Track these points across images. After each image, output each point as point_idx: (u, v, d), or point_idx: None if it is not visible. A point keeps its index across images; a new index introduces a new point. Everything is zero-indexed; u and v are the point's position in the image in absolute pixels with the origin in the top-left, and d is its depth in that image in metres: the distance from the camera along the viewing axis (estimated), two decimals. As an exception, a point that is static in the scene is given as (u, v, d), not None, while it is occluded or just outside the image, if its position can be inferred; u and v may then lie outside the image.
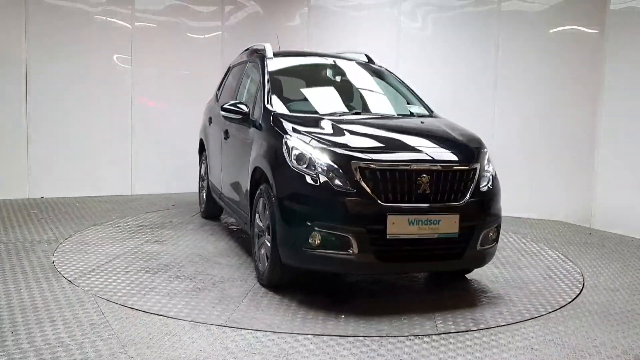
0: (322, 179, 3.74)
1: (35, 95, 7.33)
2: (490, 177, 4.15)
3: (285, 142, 4.01)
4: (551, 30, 7.18)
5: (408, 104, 5.17)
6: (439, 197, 3.80)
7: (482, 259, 4.15)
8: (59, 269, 4.42)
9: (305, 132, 4.05)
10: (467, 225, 3.83)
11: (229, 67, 6.50)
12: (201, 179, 6.81)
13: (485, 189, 4.04)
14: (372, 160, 3.75)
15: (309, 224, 3.72)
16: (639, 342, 3.43)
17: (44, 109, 7.39)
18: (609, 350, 3.30)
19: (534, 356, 3.17)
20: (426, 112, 5.04)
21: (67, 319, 3.42)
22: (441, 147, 4.12)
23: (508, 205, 7.32)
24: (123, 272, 4.45)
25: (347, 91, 5.24)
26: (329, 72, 5.41)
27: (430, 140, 4.22)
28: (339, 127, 4.15)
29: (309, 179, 3.78)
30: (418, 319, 3.68)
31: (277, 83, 4.95)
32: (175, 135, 8.26)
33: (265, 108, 4.56)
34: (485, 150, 4.28)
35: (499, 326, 3.60)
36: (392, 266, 3.87)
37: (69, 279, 4.20)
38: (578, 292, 4.37)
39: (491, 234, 4.06)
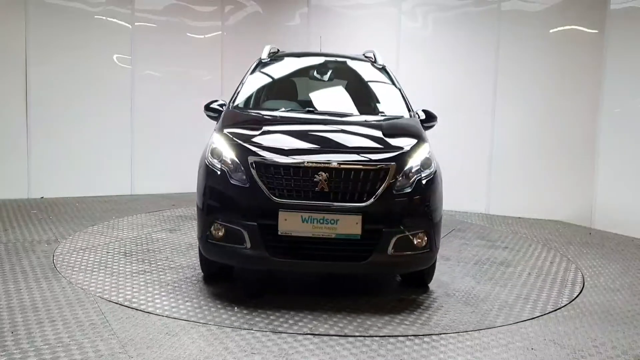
0: (225, 173, 3.82)
1: (35, 95, 7.33)
2: (416, 179, 3.83)
3: (212, 137, 4.16)
4: (551, 30, 7.18)
5: (390, 104, 4.94)
6: (340, 197, 3.67)
7: (396, 265, 3.90)
8: (59, 269, 4.42)
9: (232, 129, 4.13)
10: (374, 228, 3.65)
11: None
12: None
13: (407, 190, 3.78)
14: (267, 156, 3.77)
15: (211, 216, 3.84)
16: (639, 342, 3.43)
17: (44, 109, 7.39)
18: (609, 350, 3.30)
19: (534, 356, 3.17)
20: (402, 113, 4.76)
21: (67, 319, 3.42)
22: (355, 146, 3.99)
23: (508, 205, 7.47)
24: (104, 252, 4.80)
25: (324, 91, 5.25)
26: (315, 73, 5.41)
27: (350, 140, 4.13)
28: (265, 125, 4.19)
29: (216, 173, 3.87)
30: (315, 318, 3.58)
31: (257, 83, 5.08)
32: (175, 135, 8.28)
33: (227, 107, 4.75)
34: (419, 151, 3.99)
35: (499, 326, 3.60)
36: (285, 263, 3.75)
37: (68, 278, 4.21)
38: (578, 292, 4.37)
39: (417, 240, 3.77)
